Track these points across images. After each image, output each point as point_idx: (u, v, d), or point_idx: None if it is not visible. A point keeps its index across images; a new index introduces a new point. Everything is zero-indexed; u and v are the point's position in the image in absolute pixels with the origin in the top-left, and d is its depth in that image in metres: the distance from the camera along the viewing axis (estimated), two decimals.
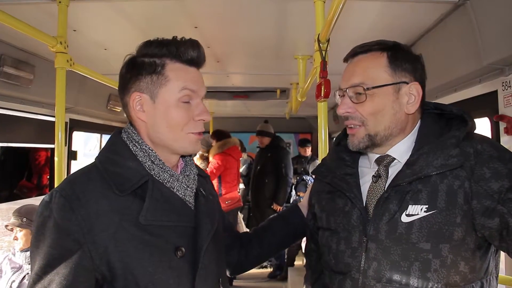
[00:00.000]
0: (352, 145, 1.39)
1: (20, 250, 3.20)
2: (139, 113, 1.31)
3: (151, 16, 2.66)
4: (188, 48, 1.31)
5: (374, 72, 1.33)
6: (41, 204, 1.21)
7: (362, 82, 1.32)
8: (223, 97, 5.74)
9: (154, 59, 1.30)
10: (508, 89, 2.19)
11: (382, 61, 1.33)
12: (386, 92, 1.32)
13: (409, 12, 2.50)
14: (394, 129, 1.34)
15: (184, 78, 1.30)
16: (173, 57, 1.30)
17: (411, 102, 1.33)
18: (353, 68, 1.38)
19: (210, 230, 1.34)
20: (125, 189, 1.22)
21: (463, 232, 1.19)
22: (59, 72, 2.33)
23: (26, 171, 4.71)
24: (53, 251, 1.15)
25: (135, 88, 1.30)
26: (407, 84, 1.32)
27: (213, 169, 5.63)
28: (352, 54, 1.40)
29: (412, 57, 1.37)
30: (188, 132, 1.32)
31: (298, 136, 8.69)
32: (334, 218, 1.43)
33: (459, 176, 1.22)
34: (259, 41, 3.23)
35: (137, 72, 1.29)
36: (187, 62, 1.32)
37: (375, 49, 1.35)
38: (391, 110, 1.32)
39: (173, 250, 1.24)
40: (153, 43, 1.32)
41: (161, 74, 1.28)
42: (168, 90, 1.29)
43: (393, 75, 1.32)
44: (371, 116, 1.33)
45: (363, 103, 1.32)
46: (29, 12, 2.43)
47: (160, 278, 1.21)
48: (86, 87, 4.21)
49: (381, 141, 1.35)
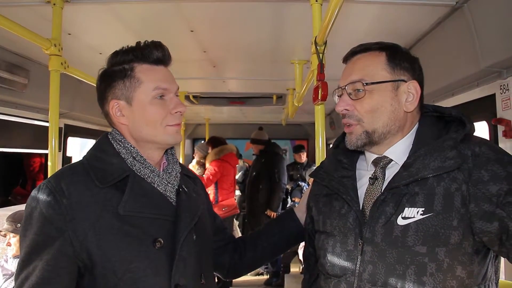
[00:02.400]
0: (350, 143, 1.38)
1: (13, 257, 3.16)
2: (120, 118, 1.40)
3: (147, 20, 2.65)
4: (152, 49, 1.39)
5: (373, 69, 1.33)
6: (30, 196, 1.30)
7: (361, 78, 1.32)
8: (219, 103, 5.76)
9: (123, 65, 1.39)
10: (506, 92, 2.18)
11: (381, 59, 1.34)
12: (385, 89, 1.32)
13: (406, 15, 2.50)
14: (393, 126, 1.33)
15: (154, 78, 1.39)
16: (140, 60, 1.39)
17: (409, 100, 1.32)
18: (352, 66, 1.38)
19: (189, 223, 1.39)
20: (106, 182, 1.31)
21: (460, 236, 1.17)
22: (53, 75, 2.31)
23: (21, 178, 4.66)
24: (38, 238, 1.23)
25: (111, 96, 1.40)
26: (406, 82, 1.33)
27: (209, 175, 5.61)
28: (351, 54, 1.41)
29: (410, 57, 1.38)
30: (166, 125, 1.40)
31: (294, 143, 8.69)
32: (330, 221, 1.42)
33: (456, 178, 1.20)
34: (255, 46, 3.23)
35: (111, 80, 1.39)
36: (154, 62, 1.41)
37: (374, 49, 1.36)
38: (390, 107, 1.32)
39: (152, 241, 1.30)
40: (119, 52, 1.41)
41: (132, 77, 1.37)
42: (142, 91, 1.37)
43: (392, 73, 1.32)
44: (368, 114, 1.32)
45: (361, 100, 1.32)
46: (23, 14, 2.41)
47: (137, 267, 1.27)
48: (81, 93, 4.18)
49: (379, 139, 1.34)
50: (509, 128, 2.14)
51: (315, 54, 2.08)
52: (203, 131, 8.30)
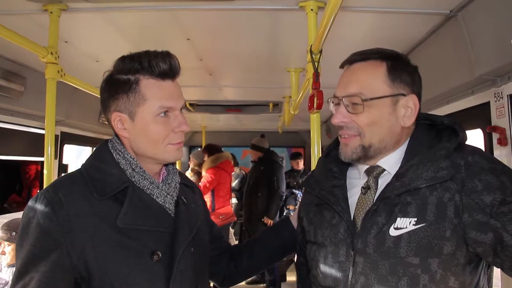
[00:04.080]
0: (345, 155, 1.34)
1: (7, 265, 3.13)
2: (121, 131, 1.36)
3: (143, 28, 2.66)
4: (159, 61, 1.33)
5: (373, 82, 1.27)
6: (27, 206, 1.27)
7: (360, 92, 1.27)
8: (216, 110, 5.76)
9: (128, 76, 1.33)
10: (500, 100, 2.19)
11: (382, 71, 1.28)
12: (384, 104, 1.27)
13: (401, 24, 2.52)
14: (389, 142, 1.30)
15: (160, 96, 1.33)
16: (146, 72, 1.32)
17: (407, 115, 1.28)
18: (351, 76, 1.32)
19: (187, 236, 1.38)
20: (105, 194, 1.28)
21: (453, 247, 1.15)
22: (50, 83, 2.32)
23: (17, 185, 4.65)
24: (35, 250, 1.21)
25: (114, 108, 1.35)
26: (405, 97, 1.28)
27: (206, 183, 5.60)
28: (350, 61, 1.35)
29: (410, 68, 1.33)
30: (167, 144, 1.37)
31: (291, 150, 8.70)
32: (321, 231, 1.39)
33: (449, 188, 1.18)
34: (251, 54, 3.24)
35: (114, 92, 1.34)
36: (160, 76, 1.34)
37: (375, 58, 1.31)
38: (387, 122, 1.28)
39: (149, 254, 1.29)
40: (126, 58, 1.34)
41: (137, 92, 1.32)
42: (145, 109, 1.32)
43: (392, 87, 1.27)
44: (368, 127, 1.28)
45: (359, 114, 1.28)
46: (20, 22, 2.42)
47: (134, 280, 1.26)
48: (77, 100, 4.18)
49: (374, 154, 1.31)
50: (504, 136, 2.15)
51: (310, 62, 2.09)
52: (200, 138, 8.30)
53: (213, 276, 1.70)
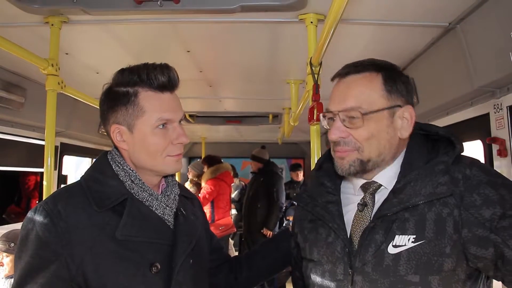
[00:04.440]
0: (342, 169, 1.28)
1: (5, 277, 3.10)
2: (120, 143, 1.37)
3: (143, 40, 2.67)
4: (158, 73, 1.33)
5: (370, 95, 1.24)
6: (26, 217, 1.26)
7: (359, 106, 1.22)
8: (216, 122, 5.78)
9: (127, 88, 1.34)
10: (499, 111, 2.20)
11: (378, 83, 1.25)
12: (382, 117, 1.23)
13: (400, 36, 2.53)
14: (388, 155, 1.26)
15: (158, 108, 1.34)
16: (144, 84, 1.33)
17: (404, 126, 1.26)
18: (346, 89, 1.27)
19: (186, 249, 1.38)
20: (103, 206, 1.28)
21: (453, 263, 1.13)
22: (50, 95, 2.33)
23: (16, 196, 4.64)
24: (33, 261, 1.21)
25: (113, 120, 1.36)
26: (401, 108, 1.25)
27: (205, 194, 5.58)
28: (343, 74, 1.30)
29: (405, 78, 1.30)
30: (166, 156, 1.37)
31: (291, 161, 8.69)
32: (317, 249, 1.35)
33: (448, 203, 1.16)
34: (251, 65, 3.25)
35: (113, 104, 1.35)
36: (159, 88, 1.35)
37: (370, 70, 1.27)
38: (386, 135, 1.24)
39: (148, 266, 1.29)
40: (125, 71, 1.36)
41: (136, 104, 1.32)
42: (144, 121, 1.33)
43: (389, 99, 1.24)
44: (366, 141, 1.23)
45: (357, 129, 1.23)
46: (21, 34, 2.44)
47: None
48: (77, 111, 4.19)
49: (372, 167, 1.27)
50: (504, 147, 2.15)
51: (310, 74, 2.09)
52: (199, 149, 8.30)
53: (212, 287, 1.70)
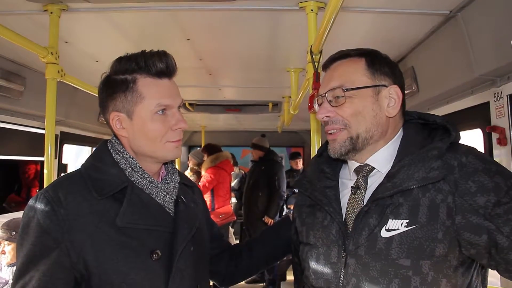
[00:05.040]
0: (333, 151, 1.34)
1: (7, 265, 3.13)
2: (120, 130, 1.38)
3: (143, 28, 2.66)
4: (156, 60, 1.35)
5: (353, 75, 1.31)
6: (28, 205, 1.28)
7: (341, 84, 1.29)
8: (215, 110, 5.77)
9: (125, 75, 1.35)
10: (500, 100, 2.20)
11: (361, 64, 1.32)
12: (366, 95, 1.29)
13: (401, 24, 2.52)
14: (375, 132, 1.30)
15: (157, 94, 1.35)
16: (142, 71, 1.35)
17: (391, 105, 1.30)
18: (332, 73, 1.36)
19: (187, 236, 1.39)
20: (104, 193, 1.29)
21: (445, 249, 1.14)
22: (50, 83, 2.32)
23: (16, 185, 4.65)
24: (35, 249, 1.22)
25: (112, 108, 1.37)
26: (387, 87, 1.30)
27: (205, 182, 5.59)
28: (330, 61, 1.39)
29: (390, 62, 1.36)
30: (166, 141, 1.38)
31: (290, 150, 8.70)
32: (313, 233, 1.39)
33: (442, 190, 1.17)
34: (251, 54, 3.24)
35: (112, 91, 1.36)
36: (157, 75, 1.36)
37: (353, 55, 1.34)
38: (371, 112, 1.29)
39: (149, 253, 1.30)
40: (123, 59, 1.37)
41: (134, 90, 1.34)
42: (143, 107, 1.34)
43: (372, 78, 1.30)
44: (352, 117, 1.29)
45: (342, 106, 1.29)
46: (20, 22, 2.43)
47: (133, 279, 1.26)
48: (77, 100, 4.19)
49: (362, 145, 1.31)
50: (503, 135, 2.16)
51: (310, 62, 2.09)
52: (199, 138, 8.30)
53: (213, 275, 1.71)
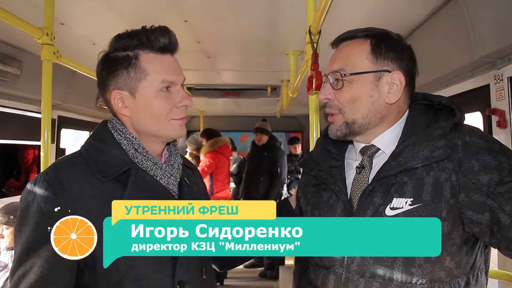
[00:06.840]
0: (331, 133, 1.36)
1: (6, 249, 3.13)
2: (122, 109, 1.32)
3: (140, 10, 2.64)
4: (158, 35, 1.29)
5: (354, 58, 1.29)
6: (26, 189, 1.23)
7: (341, 68, 1.29)
8: (214, 94, 5.76)
9: (127, 52, 1.29)
10: (500, 82, 2.18)
11: (365, 48, 1.29)
12: (366, 80, 1.27)
13: (401, 6, 2.50)
14: (373, 118, 1.29)
15: (162, 70, 1.29)
16: (145, 47, 1.29)
17: (392, 91, 1.27)
18: (337, 54, 1.35)
19: None
20: (108, 175, 1.25)
21: (449, 227, 1.15)
22: (46, 65, 2.30)
23: (15, 170, 4.65)
24: (35, 234, 1.17)
25: (113, 86, 1.31)
26: (389, 73, 1.27)
27: (204, 167, 5.59)
28: (338, 40, 1.37)
29: (399, 46, 1.32)
30: (171, 119, 1.33)
31: (289, 135, 8.70)
32: (318, 212, 1.39)
33: (446, 168, 1.18)
34: (250, 36, 3.22)
35: (113, 69, 1.30)
36: (160, 50, 1.31)
37: (360, 36, 1.31)
38: (370, 98, 1.27)
39: None
40: (123, 36, 1.31)
41: (137, 66, 1.28)
42: (147, 83, 1.29)
43: (375, 63, 1.27)
44: (348, 103, 1.28)
45: (341, 90, 1.29)
46: (15, 3, 2.38)
47: (140, 264, 1.23)
48: (74, 84, 4.16)
49: (359, 130, 1.31)
50: (503, 118, 2.15)
51: (309, 43, 2.06)
52: (198, 123, 8.29)
53: (212, 259, 1.71)
